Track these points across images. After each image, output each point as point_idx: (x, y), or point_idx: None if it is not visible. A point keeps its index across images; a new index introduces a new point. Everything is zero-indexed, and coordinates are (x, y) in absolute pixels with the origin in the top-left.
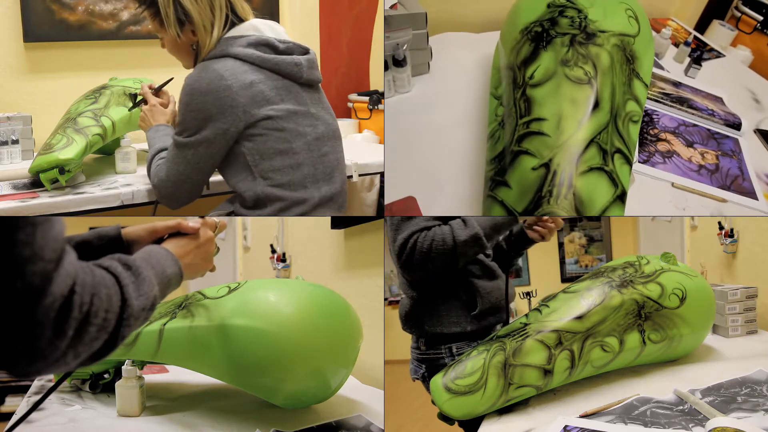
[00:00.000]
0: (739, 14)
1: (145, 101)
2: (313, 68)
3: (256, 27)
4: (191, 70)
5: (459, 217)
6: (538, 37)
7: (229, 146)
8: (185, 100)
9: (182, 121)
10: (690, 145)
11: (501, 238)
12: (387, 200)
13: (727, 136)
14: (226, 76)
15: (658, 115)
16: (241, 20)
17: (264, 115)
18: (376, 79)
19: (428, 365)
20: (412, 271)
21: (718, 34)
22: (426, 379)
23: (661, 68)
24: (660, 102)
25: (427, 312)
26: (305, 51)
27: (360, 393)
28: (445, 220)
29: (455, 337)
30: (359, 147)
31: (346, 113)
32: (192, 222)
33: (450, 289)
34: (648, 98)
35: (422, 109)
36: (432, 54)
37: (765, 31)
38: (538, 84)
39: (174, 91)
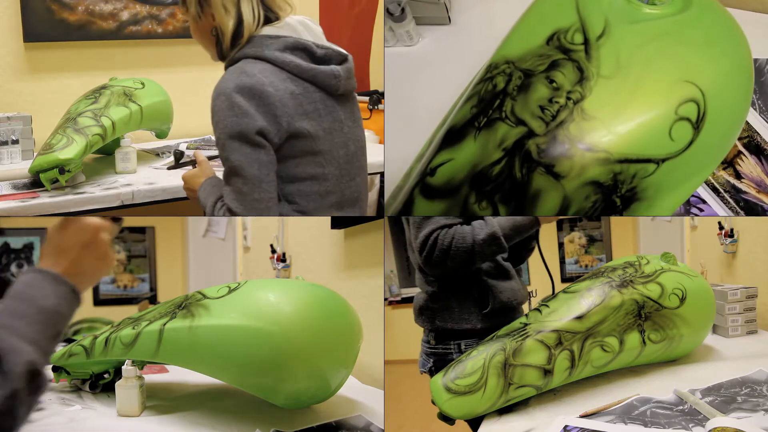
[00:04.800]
0: None
1: (193, 164)
2: (350, 78)
3: (293, 27)
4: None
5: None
6: (489, 100)
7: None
8: (220, 107)
9: (222, 132)
10: None
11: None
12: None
13: None
14: (265, 83)
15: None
16: (272, 11)
17: (305, 129)
18: (376, 79)
19: (436, 360)
20: (432, 268)
21: None
22: (433, 373)
23: None
24: (718, 194)
25: (440, 307)
26: (343, 58)
27: (360, 393)
28: (468, 219)
29: (465, 333)
30: None
31: None
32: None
33: (465, 286)
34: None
35: (427, 66)
36: (448, 7)
37: None
38: (433, 189)
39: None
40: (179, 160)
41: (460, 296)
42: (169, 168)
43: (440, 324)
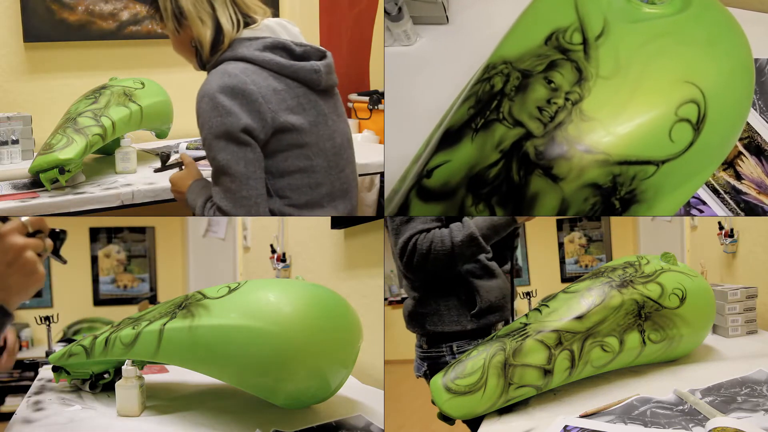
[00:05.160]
0: None
1: (180, 166)
2: (331, 73)
3: (270, 28)
4: (203, 80)
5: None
6: (487, 101)
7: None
8: (204, 108)
9: (208, 132)
10: None
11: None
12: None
13: None
14: (247, 82)
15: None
16: (248, 16)
17: (290, 123)
18: (376, 79)
19: (430, 363)
20: (413, 272)
21: None
22: (428, 377)
23: None
24: (719, 195)
25: (429, 311)
26: (322, 55)
27: (360, 393)
28: (447, 219)
29: (455, 335)
30: (359, 147)
31: (346, 113)
32: None
33: (450, 288)
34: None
35: (425, 65)
36: (446, 7)
37: None
38: (429, 192)
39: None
40: (165, 162)
41: (447, 299)
42: (156, 170)
43: (431, 328)
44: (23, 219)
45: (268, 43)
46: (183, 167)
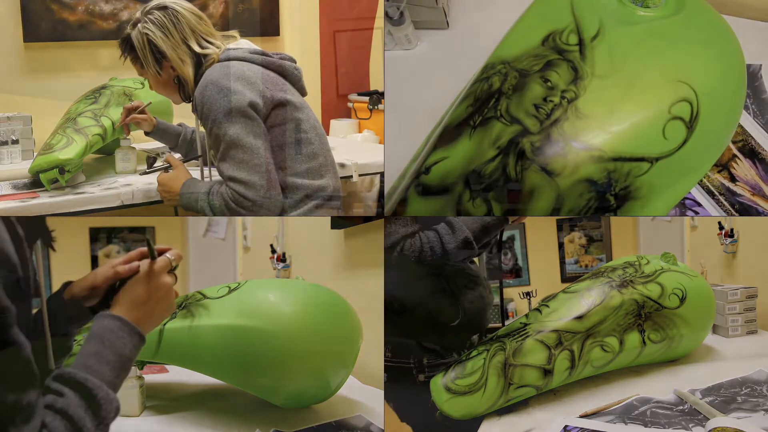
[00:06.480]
0: None
1: (166, 169)
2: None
3: (246, 42)
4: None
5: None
6: (485, 99)
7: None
8: (210, 93)
9: (218, 112)
10: None
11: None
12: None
13: None
14: (244, 69)
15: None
16: (220, 42)
17: (285, 99)
18: (376, 79)
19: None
20: (398, 278)
21: None
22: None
23: None
24: (713, 196)
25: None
26: (295, 61)
27: (360, 393)
28: (427, 220)
29: (424, 348)
30: (359, 147)
31: (346, 113)
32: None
33: (426, 295)
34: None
35: (425, 69)
36: (447, 13)
37: None
38: (427, 187)
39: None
40: (152, 164)
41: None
42: (142, 173)
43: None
44: (169, 256)
45: (250, 50)
46: (169, 169)
